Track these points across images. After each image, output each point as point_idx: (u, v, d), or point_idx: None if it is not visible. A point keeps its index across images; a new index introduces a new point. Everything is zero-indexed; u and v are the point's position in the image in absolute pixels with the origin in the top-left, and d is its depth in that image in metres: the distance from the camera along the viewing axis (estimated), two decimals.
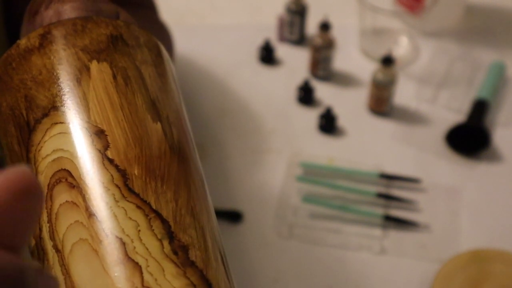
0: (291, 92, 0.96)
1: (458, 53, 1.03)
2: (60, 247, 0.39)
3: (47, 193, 0.40)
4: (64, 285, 0.38)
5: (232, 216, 0.80)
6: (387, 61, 0.88)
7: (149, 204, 0.40)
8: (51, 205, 0.40)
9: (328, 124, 0.90)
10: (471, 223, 0.81)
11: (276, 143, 0.90)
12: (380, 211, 0.81)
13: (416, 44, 1.03)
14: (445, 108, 0.95)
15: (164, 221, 0.40)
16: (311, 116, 0.93)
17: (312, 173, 0.86)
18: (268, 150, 0.89)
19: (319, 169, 0.86)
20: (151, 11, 0.80)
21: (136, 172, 0.40)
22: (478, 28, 1.08)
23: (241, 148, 0.89)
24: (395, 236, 0.79)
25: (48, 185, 0.40)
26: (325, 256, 0.77)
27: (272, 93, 0.97)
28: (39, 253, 0.40)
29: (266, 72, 1.01)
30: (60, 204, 0.39)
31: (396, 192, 0.83)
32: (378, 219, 0.80)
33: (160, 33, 0.79)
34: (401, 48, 1.02)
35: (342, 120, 0.92)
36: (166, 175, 0.42)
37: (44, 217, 0.40)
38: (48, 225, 0.40)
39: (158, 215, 0.40)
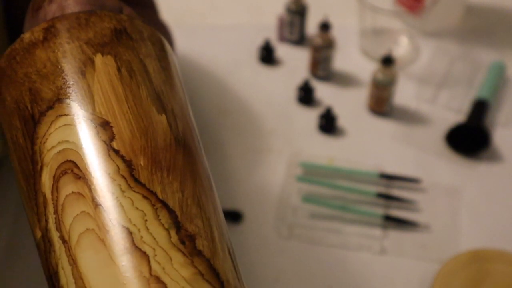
0: (291, 92, 0.96)
1: (458, 53, 1.03)
2: (66, 237, 0.39)
3: (53, 185, 0.40)
4: (71, 275, 0.38)
5: (232, 216, 0.80)
6: (387, 61, 0.88)
7: (155, 194, 0.40)
8: (57, 197, 0.40)
9: (328, 124, 0.90)
10: (471, 223, 0.81)
11: (276, 143, 0.90)
12: (380, 211, 0.81)
13: (416, 44, 1.03)
14: (445, 108, 0.95)
15: (170, 211, 0.40)
16: (311, 116, 0.93)
17: (312, 173, 0.86)
18: (268, 150, 0.89)
19: (319, 169, 0.86)
20: (151, 10, 0.80)
21: (142, 162, 0.41)
22: (478, 28, 1.08)
23: (241, 148, 0.89)
24: (395, 236, 0.79)
25: (54, 177, 0.40)
26: (325, 256, 0.77)
27: (272, 93, 0.97)
28: (46, 244, 0.40)
29: (266, 72, 1.01)
30: (66, 195, 0.40)
31: (396, 192, 0.83)
32: (378, 219, 0.80)
33: (160, 32, 0.79)
34: (401, 48, 1.02)
35: (342, 120, 0.92)
36: (172, 166, 0.42)
37: (50, 209, 0.40)
38: (54, 216, 0.40)
39: (165, 205, 0.40)
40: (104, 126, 0.41)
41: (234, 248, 0.78)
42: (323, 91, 0.96)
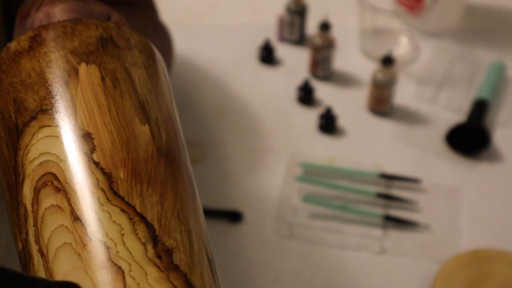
0: (291, 92, 0.96)
1: (458, 53, 1.03)
2: (45, 251, 0.39)
3: (33, 197, 0.40)
4: None
5: (232, 216, 0.80)
6: (387, 61, 0.88)
7: (133, 208, 0.39)
8: (37, 209, 0.39)
9: (328, 124, 0.90)
10: (471, 223, 0.81)
11: (276, 143, 0.90)
12: (380, 211, 0.81)
13: (416, 44, 1.03)
14: (445, 108, 0.95)
15: (148, 225, 0.39)
16: (311, 116, 0.93)
17: (312, 173, 0.86)
18: (268, 150, 0.89)
19: (319, 169, 0.86)
20: (150, 11, 0.80)
21: (121, 175, 0.40)
22: (478, 28, 1.08)
23: (241, 148, 0.89)
24: (395, 236, 0.79)
25: (35, 189, 0.40)
26: (325, 256, 0.77)
27: (272, 93, 0.97)
28: (25, 257, 0.40)
29: (266, 72, 1.01)
30: (46, 208, 0.39)
31: (396, 192, 0.83)
32: (378, 219, 0.80)
33: (158, 34, 0.78)
34: (401, 48, 1.02)
35: (342, 120, 0.92)
36: (153, 178, 0.41)
37: (31, 221, 0.40)
38: (34, 229, 0.39)
39: (143, 218, 0.39)
40: (85, 138, 0.41)
41: (234, 248, 0.78)
42: (323, 91, 0.96)
